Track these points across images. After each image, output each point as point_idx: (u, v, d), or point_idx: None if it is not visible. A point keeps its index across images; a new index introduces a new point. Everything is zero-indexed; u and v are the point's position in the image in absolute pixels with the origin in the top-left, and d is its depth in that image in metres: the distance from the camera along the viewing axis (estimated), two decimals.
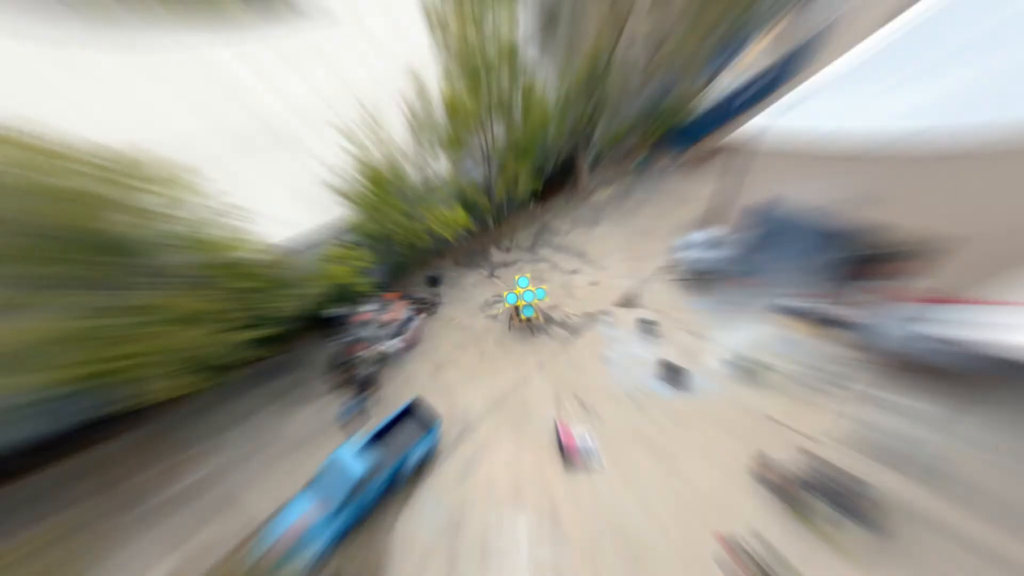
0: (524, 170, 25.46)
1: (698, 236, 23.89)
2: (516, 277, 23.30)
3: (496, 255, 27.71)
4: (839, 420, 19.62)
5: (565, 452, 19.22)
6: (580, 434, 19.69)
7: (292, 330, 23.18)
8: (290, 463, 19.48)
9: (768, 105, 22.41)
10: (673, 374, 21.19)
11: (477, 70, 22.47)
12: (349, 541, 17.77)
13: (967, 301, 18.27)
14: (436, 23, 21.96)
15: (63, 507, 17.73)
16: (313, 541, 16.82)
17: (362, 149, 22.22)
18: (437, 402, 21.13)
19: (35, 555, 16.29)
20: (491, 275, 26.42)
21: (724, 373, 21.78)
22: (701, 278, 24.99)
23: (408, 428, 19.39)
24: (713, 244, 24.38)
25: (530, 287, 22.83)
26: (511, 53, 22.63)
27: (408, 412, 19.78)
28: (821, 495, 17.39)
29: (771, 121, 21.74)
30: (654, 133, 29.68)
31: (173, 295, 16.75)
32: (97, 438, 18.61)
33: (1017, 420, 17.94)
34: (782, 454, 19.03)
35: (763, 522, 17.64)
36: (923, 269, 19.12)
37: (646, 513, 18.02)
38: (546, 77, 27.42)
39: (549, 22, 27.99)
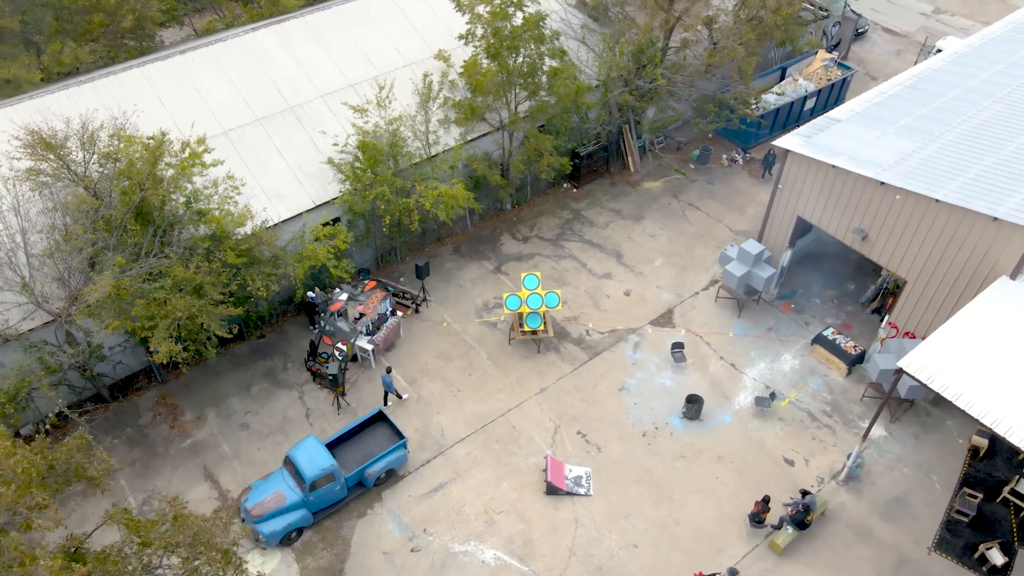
0: (548, 145, 27.76)
1: (751, 247, 25.77)
2: (523, 276, 25.67)
3: (509, 245, 30.26)
4: (841, 458, 22.74)
5: (551, 490, 21.69)
6: (574, 476, 22.15)
7: (282, 312, 27.08)
8: (271, 443, 23.46)
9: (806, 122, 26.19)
10: (692, 406, 23.40)
11: (500, 32, 24.94)
12: (312, 532, 21.22)
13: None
14: None
15: (107, 442, 23.63)
16: (286, 515, 20.55)
17: (365, 118, 25.70)
18: (411, 418, 24.15)
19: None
20: (497, 270, 28.91)
21: (747, 407, 24.04)
22: (749, 298, 26.94)
23: (375, 437, 22.42)
24: (766, 259, 26.23)
25: (539, 290, 25.20)
26: (537, 20, 25.04)
27: (376, 422, 22.62)
28: (791, 522, 20.66)
29: (803, 139, 24.15)
30: (713, 123, 31.74)
31: (179, 266, 20.79)
32: (139, 388, 25.29)
33: (920, 434, 23.70)
34: (784, 495, 21.84)
35: (746, 563, 20.55)
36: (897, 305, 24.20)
37: (630, 553, 20.67)
38: (587, 52, 30.57)
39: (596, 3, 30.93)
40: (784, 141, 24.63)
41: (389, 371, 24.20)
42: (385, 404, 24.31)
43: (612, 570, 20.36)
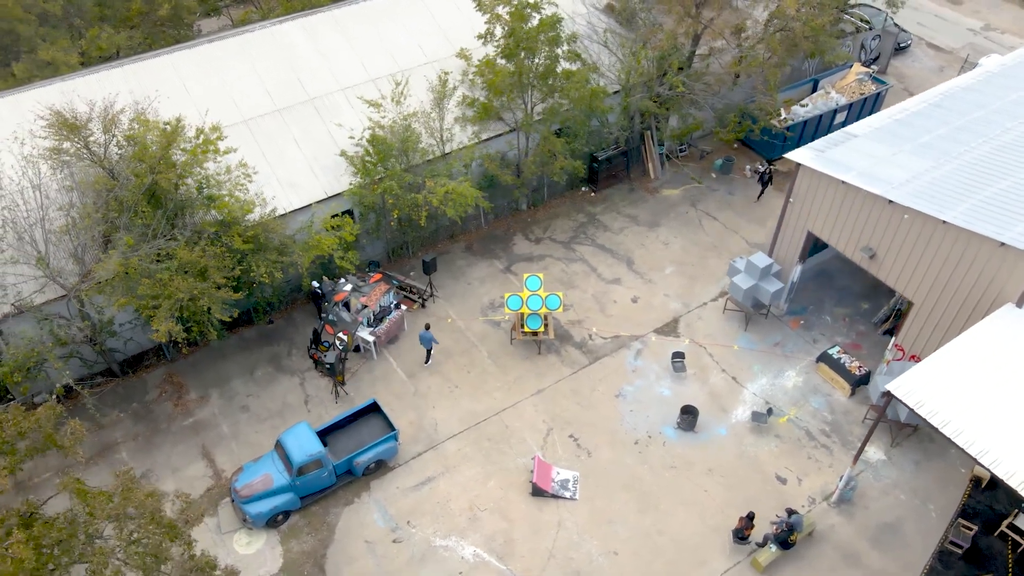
0: (559, 147, 27.90)
1: (759, 260, 25.54)
2: (525, 276, 25.85)
3: (521, 245, 30.47)
4: (835, 480, 22.33)
5: (536, 491, 21.86)
6: (561, 480, 22.28)
7: (291, 299, 27.82)
8: (268, 426, 24.12)
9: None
10: (688, 416, 23.33)
11: (517, 32, 25.19)
12: (298, 517, 21.82)
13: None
14: None
15: (113, 415, 24.83)
16: (272, 498, 21.14)
17: (381, 113, 26.26)
18: (405, 411, 24.49)
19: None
20: (507, 270, 29.15)
21: (743, 422, 23.85)
22: (757, 312, 26.71)
23: (367, 428, 22.87)
24: (775, 273, 25.97)
25: (541, 291, 25.36)
26: (551, 22, 25.23)
27: (369, 413, 23.07)
28: (775, 541, 20.42)
29: (816, 153, 23.91)
30: (736, 133, 31.52)
31: (186, 248, 21.62)
32: (149, 365, 26.33)
33: (921, 461, 23.20)
34: (772, 513, 21.60)
35: None
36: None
37: (609, 559, 20.73)
38: (609, 56, 30.65)
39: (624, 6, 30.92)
40: (796, 154, 24.37)
41: (428, 327, 25.20)
42: (427, 362, 25.72)
43: (589, 575, 20.46)
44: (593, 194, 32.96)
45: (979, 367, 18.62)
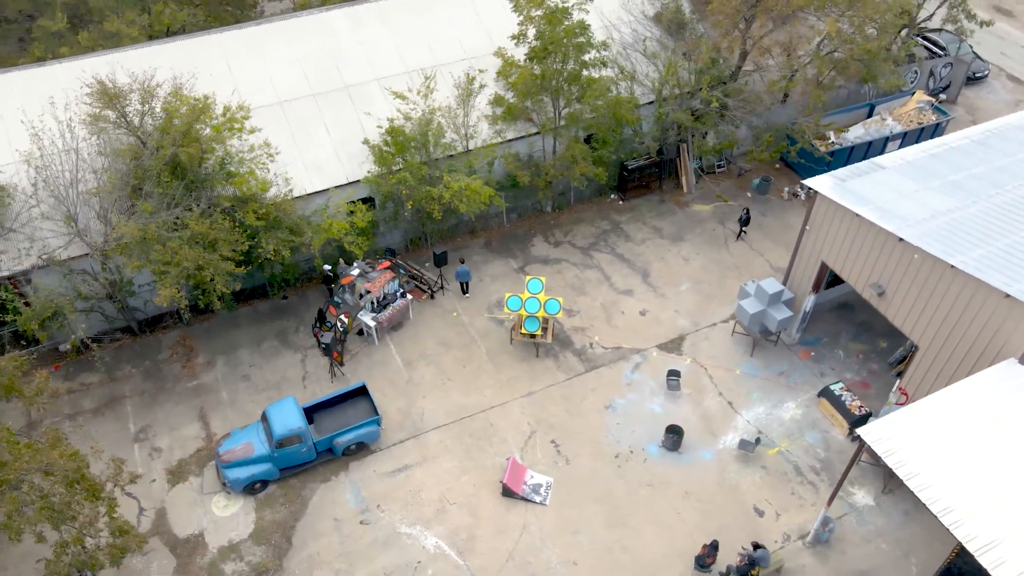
0: (579, 152, 27.89)
1: (770, 286, 24.91)
2: (527, 279, 25.97)
3: (539, 247, 30.58)
4: (815, 518, 21.55)
5: (506, 492, 22.06)
6: (534, 484, 22.41)
7: (308, 278, 28.72)
8: (264, 397, 25.08)
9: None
10: (672, 436, 23.05)
11: (544, 36, 25.31)
12: (276, 487, 22.70)
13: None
14: None
15: (125, 371, 26.39)
16: (251, 466, 22.01)
17: (411, 105, 26.81)
18: (396, 398, 25.06)
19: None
20: (521, 270, 29.33)
21: (731, 448, 23.37)
22: (764, 338, 26.08)
23: (353, 410, 23.53)
24: (785, 301, 25.29)
25: (541, 295, 25.46)
26: (576, 28, 25.20)
27: (358, 395, 23.71)
28: (736, 573, 19.90)
29: (836, 182, 23.14)
30: (771, 153, 30.74)
31: (199, 219, 22.73)
32: (166, 327, 27.83)
33: (911, 512, 22.18)
34: (740, 543, 21.08)
35: None
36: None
37: (568, 569, 20.79)
38: (647, 65, 30.28)
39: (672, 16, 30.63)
40: (815, 181, 23.62)
41: (463, 261, 28.04)
42: (465, 292, 27.99)
43: None
44: (621, 203, 32.72)
45: (963, 422, 17.73)
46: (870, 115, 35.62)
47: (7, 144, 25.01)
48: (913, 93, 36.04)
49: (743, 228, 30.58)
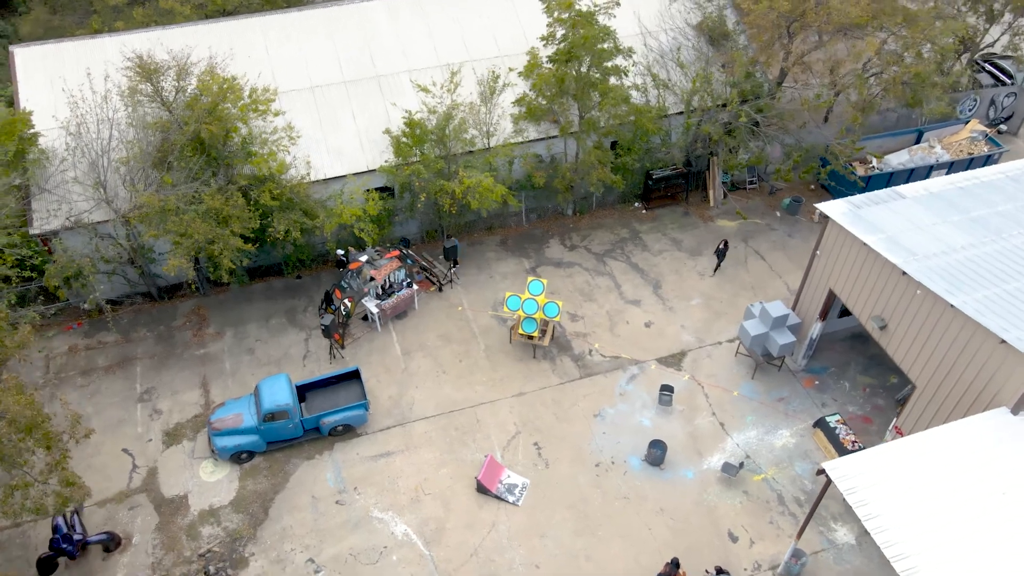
0: (594, 159, 27.86)
1: (775, 309, 24.35)
2: (529, 280, 26.02)
3: (554, 249, 30.60)
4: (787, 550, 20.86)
5: (480, 488, 22.28)
6: (509, 483, 22.55)
7: (323, 260, 29.42)
8: (264, 372, 25.92)
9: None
10: (655, 451, 22.85)
11: (568, 39, 25.33)
12: (262, 459, 23.48)
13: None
14: None
15: (140, 333, 27.70)
16: (239, 436, 22.88)
17: (438, 99, 27.21)
18: (389, 385, 25.54)
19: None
20: (532, 270, 29.43)
21: (715, 470, 23.01)
22: (767, 362, 25.53)
23: (344, 392, 24.12)
24: (790, 326, 24.67)
25: (541, 297, 25.51)
26: (597, 34, 25.10)
27: (351, 379, 24.29)
28: None
29: (851, 208, 22.45)
30: (801, 173, 29.95)
31: (215, 195, 23.71)
32: (184, 295, 28.95)
33: None
34: (705, 566, 20.86)
35: None
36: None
37: (529, 571, 20.88)
38: (680, 75, 29.91)
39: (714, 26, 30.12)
40: (828, 206, 22.96)
41: (449, 236, 28.92)
42: (453, 266, 28.71)
43: None
44: (644, 212, 32.43)
45: (939, 468, 17.04)
46: (918, 141, 34.30)
47: (53, 110, 26.48)
48: (967, 121, 34.50)
49: (719, 261, 29.28)
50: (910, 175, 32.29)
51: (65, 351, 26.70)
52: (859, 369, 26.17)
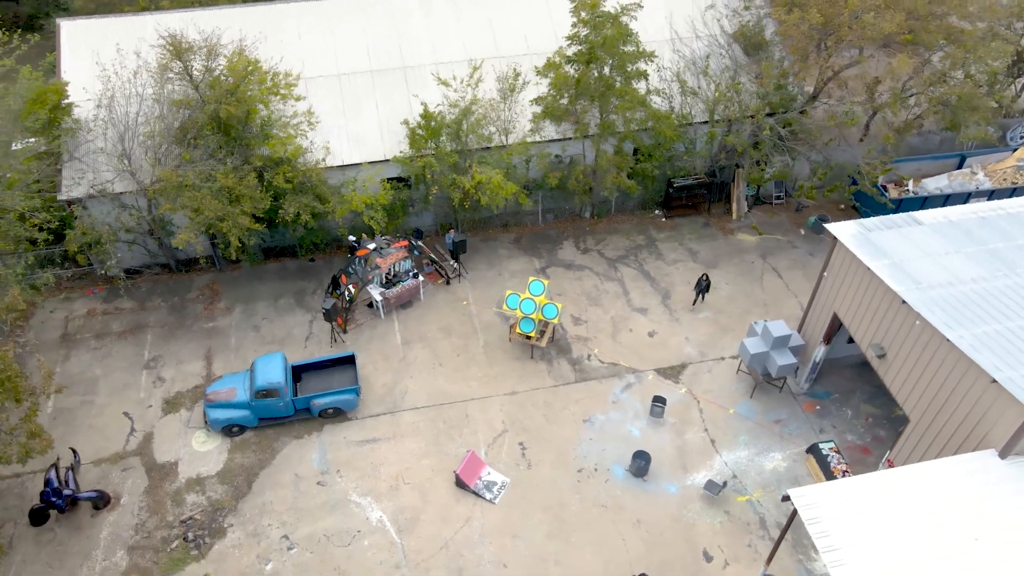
0: (608, 163, 27.63)
1: (777, 328, 23.74)
2: (530, 279, 25.92)
3: (567, 251, 30.45)
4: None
5: (459, 483, 22.37)
6: (488, 481, 22.59)
7: (328, 243, 29.95)
8: (267, 350, 26.55)
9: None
10: (639, 462, 22.57)
11: (588, 40, 25.14)
12: (254, 434, 24.07)
13: None
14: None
15: (155, 302, 28.65)
16: (231, 410, 23.51)
17: (460, 94, 27.42)
18: (385, 373, 25.81)
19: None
20: (542, 271, 29.35)
21: (698, 487, 22.56)
22: (767, 381, 24.93)
23: (338, 376, 24.55)
24: (792, 347, 24.02)
25: (540, 297, 25.41)
26: (618, 37, 24.79)
27: (347, 363, 24.66)
28: None
29: (861, 231, 21.76)
30: (827, 191, 29.10)
31: (229, 173, 24.37)
32: (201, 269, 29.83)
33: None
34: None
35: None
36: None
37: (496, 570, 20.85)
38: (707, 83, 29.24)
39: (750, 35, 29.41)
40: (837, 227, 22.25)
41: (451, 228, 29.41)
42: (455, 259, 28.94)
43: None
44: (664, 220, 31.97)
45: (912, 506, 16.38)
46: (960, 166, 32.91)
47: (90, 82, 27.53)
48: (1015, 149, 32.94)
49: (700, 294, 27.86)
50: (946, 200, 31.01)
51: (84, 314, 27.82)
52: (864, 398, 25.31)
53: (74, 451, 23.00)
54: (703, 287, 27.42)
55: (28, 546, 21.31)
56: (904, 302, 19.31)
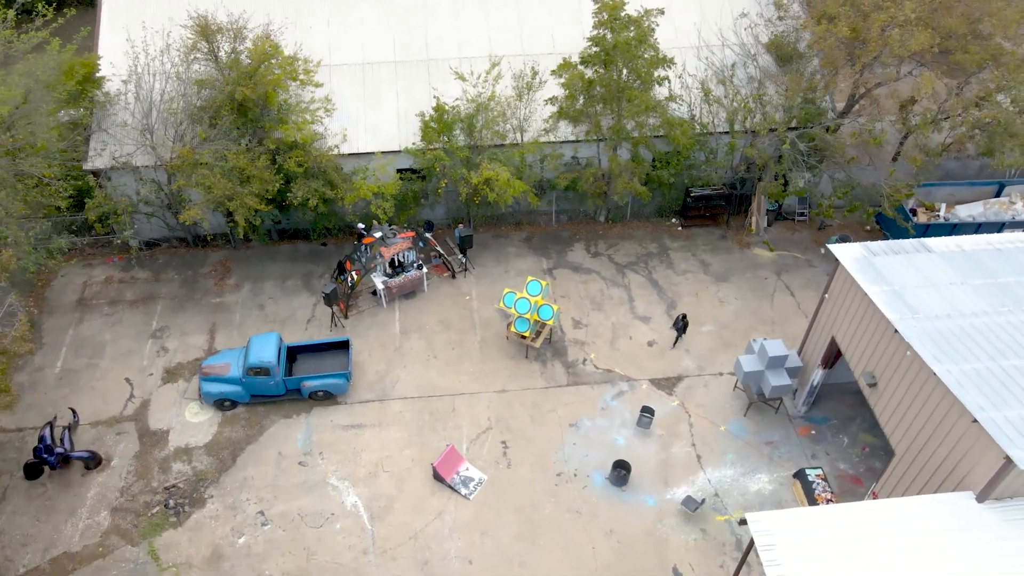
0: (628, 167, 27.15)
1: (774, 348, 23.08)
2: (528, 279, 25.73)
3: (577, 253, 30.19)
4: None
5: (436, 476, 22.42)
6: (465, 476, 22.58)
7: (342, 228, 30.28)
8: (268, 328, 27.09)
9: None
10: (618, 471, 22.28)
11: (605, 42, 24.83)
12: (245, 410, 24.60)
13: None
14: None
15: (169, 275, 29.50)
16: (224, 384, 24.08)
17: (480, 89, 27.44)
18: (379, 361, 26.01)
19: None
20: (549, 271, 29.16)
21: (677, 502, 22.12)
22: (762, 401, 24.30)
23: (331, 360, 24.90)
24: (788, 368, 23.34)
25: (538, 298, 25.24)
26: (633, 39, 24.38)
27: (340, 348, 24.96)
28: None
29: (865, 254, 21.05)
30: (845, 212, 28.17)
31: (242, 154, 24.96)
32: (216, 246, 30.72)
33: None
34: None
35: None
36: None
37: (461, 565, 20.84)
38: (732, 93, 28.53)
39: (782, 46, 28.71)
40: (840, 249, 21.49)
41: (460, 223, 29.28)
42: (463, 254, 28.89)
43: (434, 570, 20.68)
44: (680, 229, 31.40)
45: (875, 542, 15.72)
46: (999, 194, 31.44)
47: (123, 57, 28.39)
48: None
49: (679, 334, 26.47)
50: (977, 229, 29.69)
51: (102, 281, 28.81)
52: (864, 426, 24.43)
53: (73, 411, 23.88)
54: (680, 327, 26.18)
55: (20, 498, 22.22)
56: (896, 331, 18.55)
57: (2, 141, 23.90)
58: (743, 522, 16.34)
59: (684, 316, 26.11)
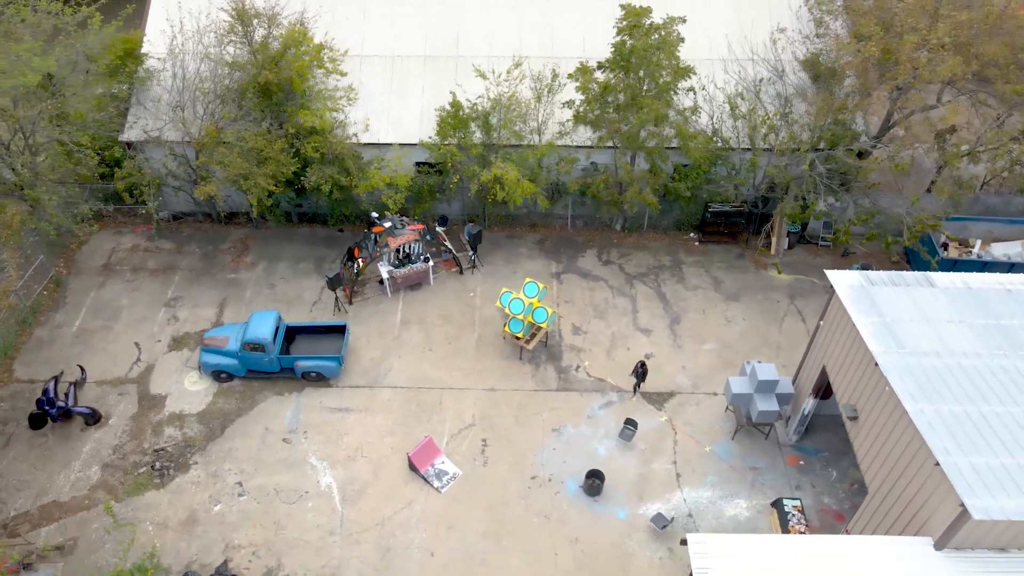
0: (629, 178, 27.03)
1: (765, 372, 22.50)
2: (526, 280, 25.68)
3: (587, 260, 30.04)
4: None
5: (411, 466, 22.71)
6: (440, 470, 22.81)
7: (359, 215, 30.81)
8: (274, 307, 27.92)
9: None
10: (592, 481, 22.16)
11: (623, 47, 24.67)
12: (241, 383, 25.43)
13: None
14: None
15: (191, 248, 30.61)
16: (221, 357, 24.94)
17: (504, 87, 27.54)
18: (375, 349, 26.46)
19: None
20: (557, 276, 29.12)
21: (647, 519, 21.83)
22: (752, 426, 23.75)
23: (327, 342, 25.52)
24: (779, 393, 22.73)
25: (533, 300, 25.24)
26: (655, 48, 24.08)
27: (337, 332, 25.53)
28: None
29: (862, 282, 20.45)
30: (864, 240, 27.21)
31: (261, 135, 25.82)
32: (239, 223, 31.70)
33: None
34: None
35: None
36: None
37: (423, 556, 21.06)
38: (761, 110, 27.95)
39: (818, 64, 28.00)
40: (838, 275, 20.84)
41: (472, 220, 29.53)
42: (473, 251, 29.08)
43: (395, 557, 20.96)
44: (697, 243, 30.87)
45: None
46: None
47: (167, 37, 29.59)
48: None
49: (638, 381, 24.95)
50: (1010, 268, 28.29)
51: (128, 248, 30.18)
52: (855, 462, 23.46)
53: (82, 368, 25.14)
54: (639, 374, 24.68)
55: (22, 446, 23.51)
56: (876, 365, 17.90)
57: (42, 109, 25.42)
58: (683, 542, 16.05)
59: (643, 363, 24.78)
